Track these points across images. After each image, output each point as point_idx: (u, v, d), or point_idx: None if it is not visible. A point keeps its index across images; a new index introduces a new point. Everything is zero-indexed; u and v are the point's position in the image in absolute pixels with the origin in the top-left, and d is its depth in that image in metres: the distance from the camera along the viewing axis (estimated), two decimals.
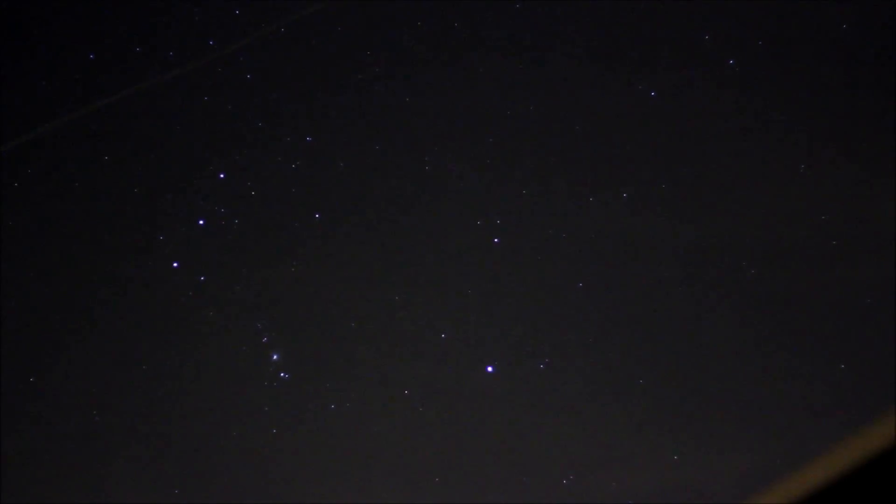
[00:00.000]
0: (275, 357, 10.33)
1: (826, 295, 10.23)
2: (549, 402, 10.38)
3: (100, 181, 10.40)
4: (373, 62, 10.51)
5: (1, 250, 10.27)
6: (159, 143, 10.47)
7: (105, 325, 10.36)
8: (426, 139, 10.51)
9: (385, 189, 10.56)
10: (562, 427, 10.36)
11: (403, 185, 10.55)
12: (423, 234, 10.54)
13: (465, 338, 10.47)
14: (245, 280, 10.41)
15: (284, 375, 10.33)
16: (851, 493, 1.64)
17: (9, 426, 10.16)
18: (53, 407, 10.26)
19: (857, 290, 10.11)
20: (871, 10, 10.10)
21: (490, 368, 10.38)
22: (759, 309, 10.29)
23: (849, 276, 10.15)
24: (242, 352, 10.33)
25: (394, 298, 10.48)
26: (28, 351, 10.29)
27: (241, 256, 10.44)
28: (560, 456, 10.30)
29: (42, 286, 10.33)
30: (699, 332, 10.34)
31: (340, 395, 10.34)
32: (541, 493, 10.22)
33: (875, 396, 9.63)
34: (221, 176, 10.41)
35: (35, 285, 10.33)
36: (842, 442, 1.65)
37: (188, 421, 10.33)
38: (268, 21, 10.47)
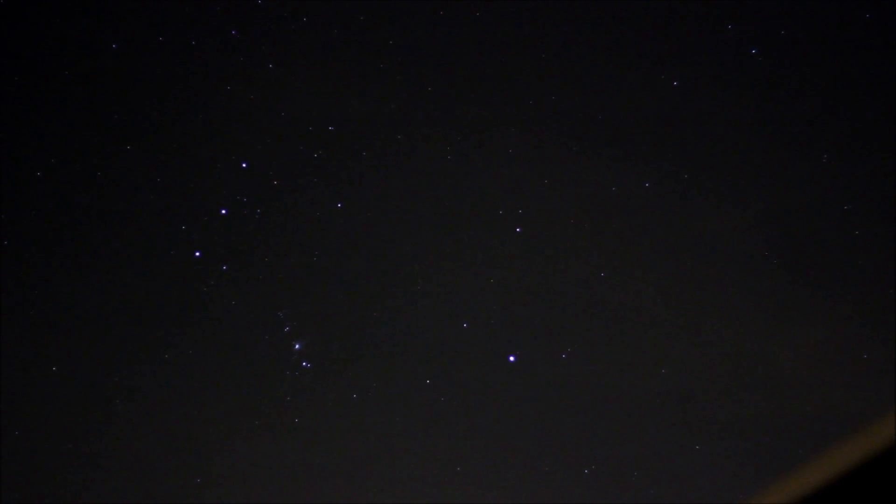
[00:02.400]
0: (297, 347, 10.36)
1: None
2: (571, 391, 10.38)
3: (122, 171, 10.43)
4: (395, 52, 10.51)
5: (22, 240, 10.31)
6: (181, 132, 10.49)
7: (127, 314, 10.40)
8: (448, 129, 10.50)
9: (407, 179, 10.56)
10: (583, 417, 10.36)
11: (426, 174, 10.55)
12: (445, 224, 10.54)
13: (487, 327, 10.48)
14: (267, 270, 10.44)
15: (307, 365, 10.36)
16: (851, 493, 1.63)
17: (25, 417, 10.21)
18: (73, 397, 10.30)
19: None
20: None
21: (512, 358, 10.38)
22: (769, 299, 10.27)
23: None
24: (265, 341, 10.36)
25: (416, 288, 10.50)
26: (48, 341, 10.33)
27: (263, 246, 10.46)
28: (581, 446, 10.29)
29: (64, 276, 10.38)
30: (720, 321, 10.32)
31: (362, 384, 10.36)
32: (562, 483, 10.22)
33: (875, 396, 9.62)
34: (244, 165, 10.43)
35: (57, 275, 10.37)
36: (842, 442, 1.64)
37: (211, 410, 10.36)
38: (290, 10, 10.47)
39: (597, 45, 10.46)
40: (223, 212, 10.39)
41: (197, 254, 10.36)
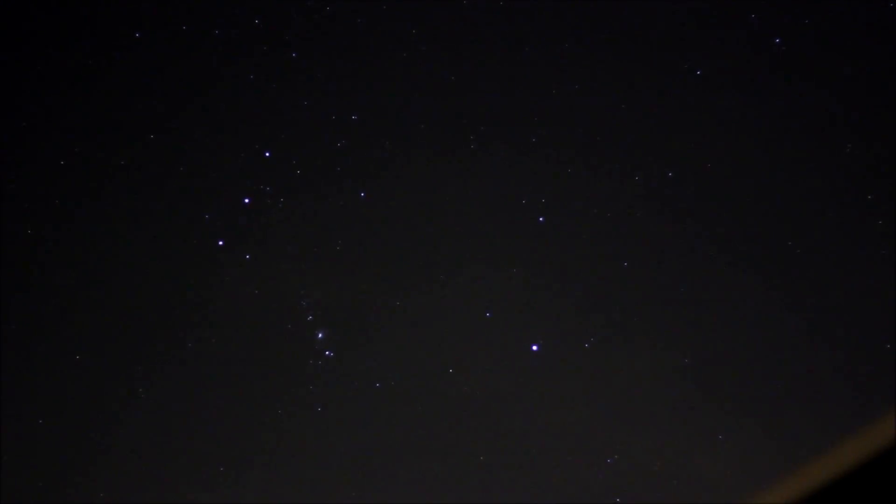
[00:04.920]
0: (319, 336, 10.37)
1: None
2: (594, 381, 10.37)
3: (145, 160, 10.46)
4: (418, 41, 10.50)
5: (45, 229, 10.36)
6: (204, 122, 10.52)
7: (150, 303, 10.43)
8: (472, 119, 10.49)
9: (430, 168, 10.56)
10: (606, 407, 10.35)
11: (448, 164, 10.55)
12: (468, 214, 10.54)
13: (509, 317, 10.47)
14: (290, 259, 10.46)
15: (329, 354, 10.38)
16: (851, 493, 1.63)
17: (49, 405, 10.27)
18: (97, 385, 10.35)
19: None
20: None
21: (535, 347, 10.38)
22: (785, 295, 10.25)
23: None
24: (287, 330, 10.38)
25: (438, 277, 10.50)
26: (71, 331, 10.37)
27: (286, 235, 10.48)
28: (604, 436, 10.29)
29: (87, 265, 10.42)
30: (742, 311, 10.30)
31: (385, 373, 10.37)
32: (585, 473, 10.22)
33: (875, 396, 9.59)
34: (267, 155, 10.45)
35: (80, 265, 10.41)
36: (842, 442, 1.64)
37: (233, 399, 10.39)
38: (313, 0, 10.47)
39: (620, 34, 10.43)
40: (246, 201, 10.41)
41: (220, 243, 10.39)
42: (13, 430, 10.17)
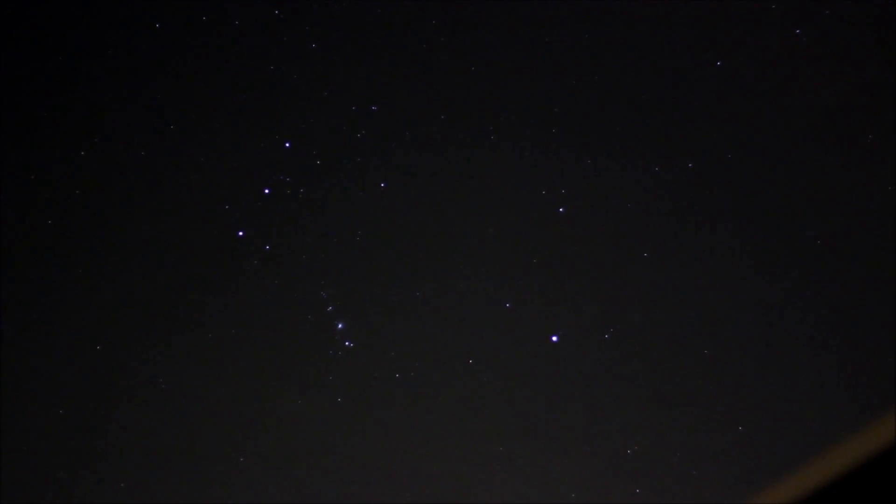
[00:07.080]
0: (340, 326, 10.39)
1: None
2: (613, 372, 10.36)
3: (165, 151, 10.49)
4: (438, 32, 10.49)
5: (66, 218, 10.39)
6: (225, 112, 10.53)
7: (169, 294, 10.46)
8: (490, 109, 10.48)
9: (450, 158, 10.56)
10: (626, 397, 10.34)
11: (469, 154, 10.54)
12: (489, 204, 10.53)
13: (529, 307, 10.47)
14: (310, 250, 10.47)
15: (349, 344, 10.39)
16: (851, 493, 1.62)
17: (70, 394, 10.31)
18: (116, 374, 10.38)
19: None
20: None
21: (555, 338, 10.37)
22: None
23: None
24: (307, 321, 10.39)
25: (458, 268, 10.50)
26: (90, 321, 10.41)
27: (306, 226, 10.49)
28: (624, 426, 10.28)
29: (107, 255, 10.45)
30: (764, 304, 10.27)
31: (405, 364, 10.38)
32: (604, 463, 10.21)
33: (875, 396, 9.56)
34: (287, 145, 10.46)
35: (100, 255, 10.44)
36: (842, 442, 1.63)
37: (253, 390, 10.42)
38: None
39: (640, 24, 10.40)
40: (266, 191, 10.42)
41: (240, 233, 10.41)
42: (26, 424, 10.22)
